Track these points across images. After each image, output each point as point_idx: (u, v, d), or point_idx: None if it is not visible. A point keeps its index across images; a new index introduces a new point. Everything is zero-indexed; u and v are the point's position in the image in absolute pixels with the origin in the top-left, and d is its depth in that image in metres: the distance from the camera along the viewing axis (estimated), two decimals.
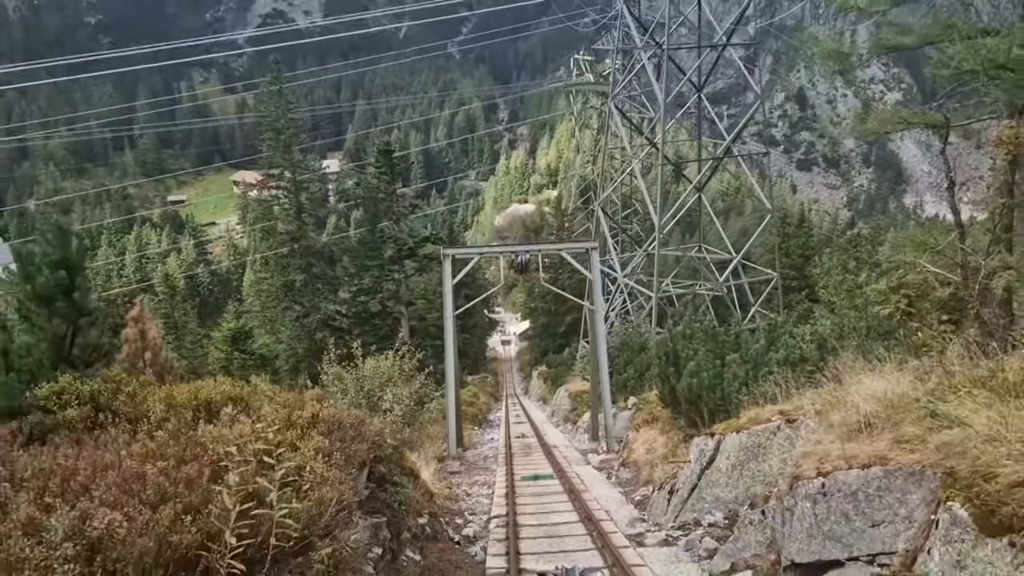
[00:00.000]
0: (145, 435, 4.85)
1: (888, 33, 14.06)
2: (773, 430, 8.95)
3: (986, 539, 4.27)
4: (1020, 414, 4.78)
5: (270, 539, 3.71)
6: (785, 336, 14.93)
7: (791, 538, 6.54)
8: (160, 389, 6.27)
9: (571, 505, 12.45)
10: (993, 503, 4.27)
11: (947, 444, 5.02)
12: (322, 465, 4.60)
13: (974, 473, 4.49)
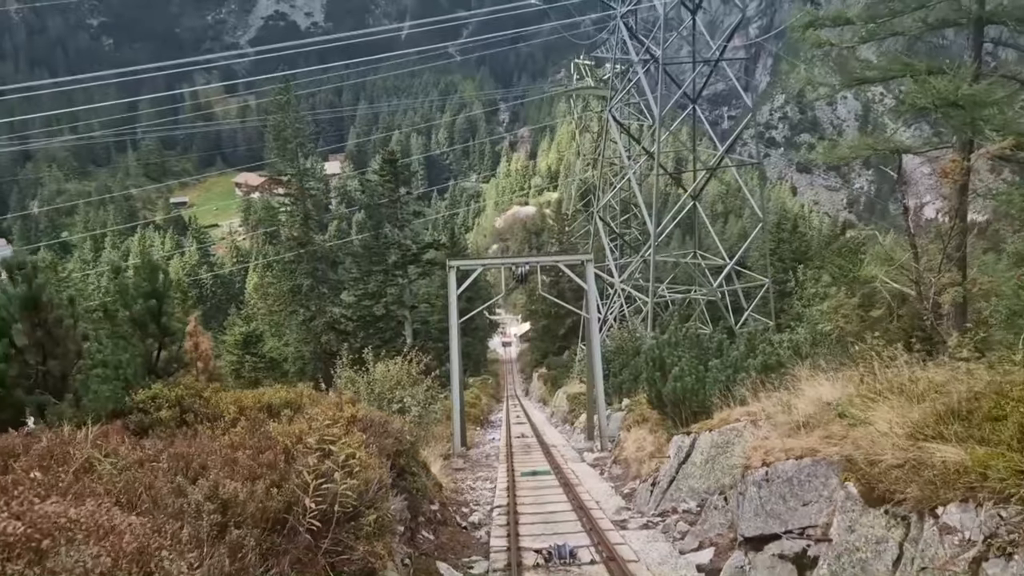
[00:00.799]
0: (222, 431, 6.19)
1: (856, 68, 15.40)
2: (740, 429, 10.30)
3: (869, 509, 5.64)
4: (912, 414, 6.13)
5: (334, 507, 5.04)
6: (763, 344, 16.28)
7: (742, 517, 7.90)
8: (229, 394, 7.67)
9: (565, 497, 13.82)
10: (875, 482, 5.63)
11: (854, 438, 6.38)
12: (364, 453, 5.96)
13: (865, 460, 5.85)
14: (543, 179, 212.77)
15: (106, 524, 2.85)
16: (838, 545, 5.89)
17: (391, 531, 5.95)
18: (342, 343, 47.27)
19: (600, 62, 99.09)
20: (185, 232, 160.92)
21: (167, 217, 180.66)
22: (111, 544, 2.67)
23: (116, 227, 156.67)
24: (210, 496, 4.23)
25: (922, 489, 5.11)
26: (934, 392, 6.17)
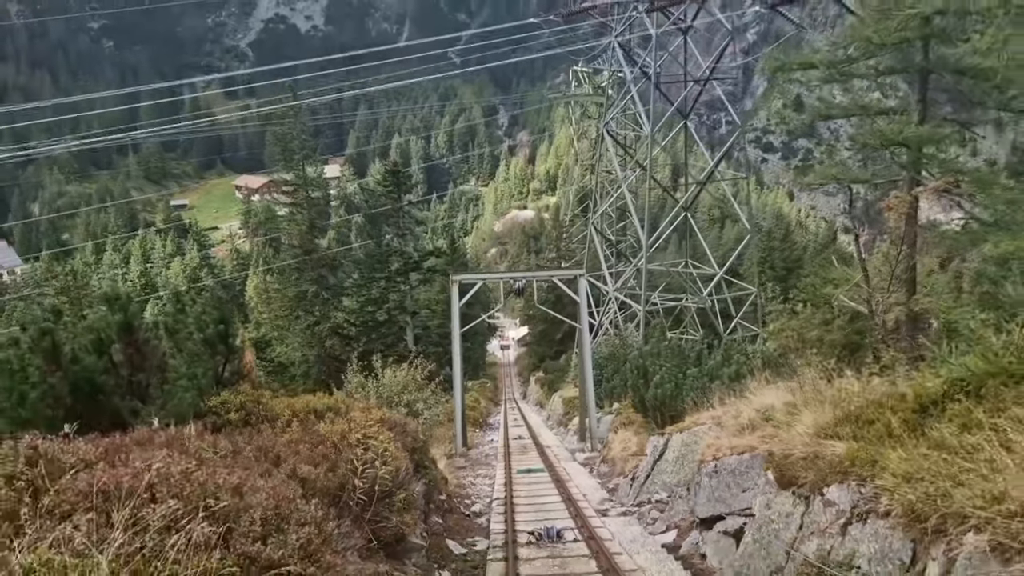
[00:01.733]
0: (280, 430, 7.86)
1: (821, 106, 17.11)
2: (705, 431, 11.99)
3: (781, 491, 7.34)
4: (825, 417, 7.84)
5: (375, 487, 6.71)
6: (738, 354, 17.99)
7: (698, 503, 9.60)
8: (282, 400, 9.37)
9: (556, 491, 15.52)
10: (786, 471, 7.33)
11: (779, 437, 8.09)
12: (393, 448, 7.64)
13: (781, 454, 7.56)
14: (542, 183, 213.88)
15: (254, 485, 4.50)
16: (759, 519, 7.60)
17: (415, 508, 7.68)
18: (345, 347, 48.93)
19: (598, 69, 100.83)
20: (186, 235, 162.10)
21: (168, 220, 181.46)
22: (265, 494, 4.31)
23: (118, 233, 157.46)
24: (290, 475, 5.89)
25: (816, 475, 6.82)
26: (843, 401, 7.88)
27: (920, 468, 5.22)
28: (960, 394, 6.14)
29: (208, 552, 3.29)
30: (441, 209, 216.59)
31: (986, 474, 4.58)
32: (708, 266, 45.05)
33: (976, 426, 5.45)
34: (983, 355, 6.23)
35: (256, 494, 4.25)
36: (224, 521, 3.65)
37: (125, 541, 3.20)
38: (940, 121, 15.08)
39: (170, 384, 8.18)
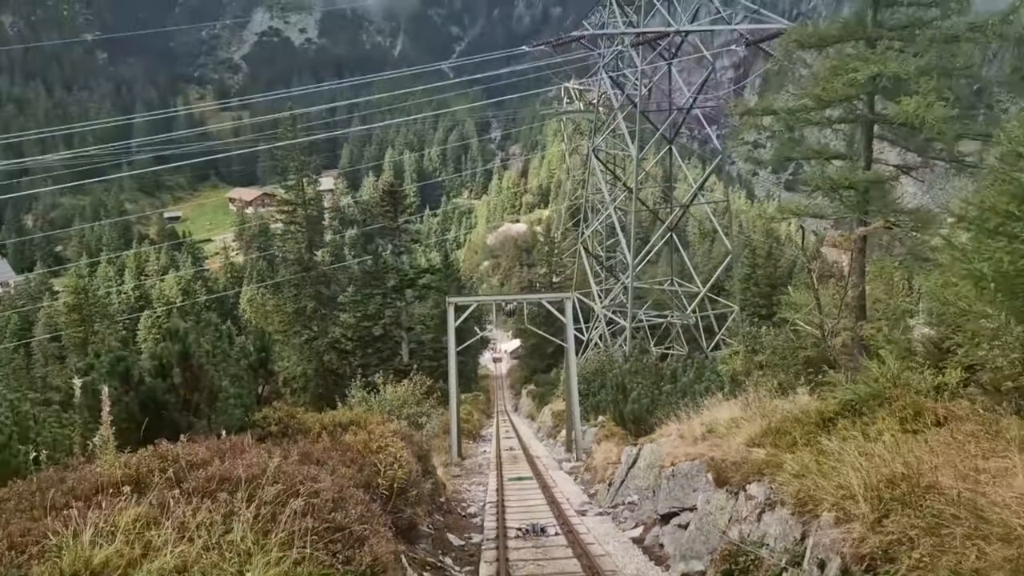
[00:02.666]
0: (312, 440, 9.59)
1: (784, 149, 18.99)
2: (668, 441, 13.79)
3: (717, 489, 9.15)
4: (755, 429, 9.65)
5: (393, 485, 8.47)
6: (709, 372, 19.84)
7: (659, 502, 11.40)
8: (311, 415, 11.12)
9: (543, 495, 17.30)
10: (722, 473, 9.13)
11: (721, 447, 9.90)
12: (406, 454, 9.40)
13: (719, 460, 9.36)
14: (534, 197, 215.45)
15: (320, 477, 6.24)
16: (701, 511, 9.40)
17: (424, 502, 9.43)
18: (342, 362, 50.60)
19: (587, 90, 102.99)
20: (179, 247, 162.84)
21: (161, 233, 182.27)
22: (328, 483, 6.06)
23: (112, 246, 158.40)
24: (332, 473, 7.64)
25: (742, 476, 8.62)
26: (769, 417, 9.70)
27: (806, 468, 7.03)
28: (848, 412, 7.96)
29: (303, 518, 5.03)
30: (434, 222, 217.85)
31: (840, 470, 6.38)
32: (694, 284, 46.97)
33: (853, 435, 7.28)
34: (864, 382, 8.05)
35: (322, 482, 6.02)
36: (307, 499, 5.40)
37: (251, 510, 4.96)
38: (883, 166, 17.01)
39: (221, 402, 9.95)
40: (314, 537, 4.98)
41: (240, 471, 5.51)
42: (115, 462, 5.85)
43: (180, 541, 4.48)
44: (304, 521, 5.00)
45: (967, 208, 9.15)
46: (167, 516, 4.71)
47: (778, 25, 28.61)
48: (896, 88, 15.61)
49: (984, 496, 4.99)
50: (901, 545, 4.99)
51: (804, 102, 17.21)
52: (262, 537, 4.77)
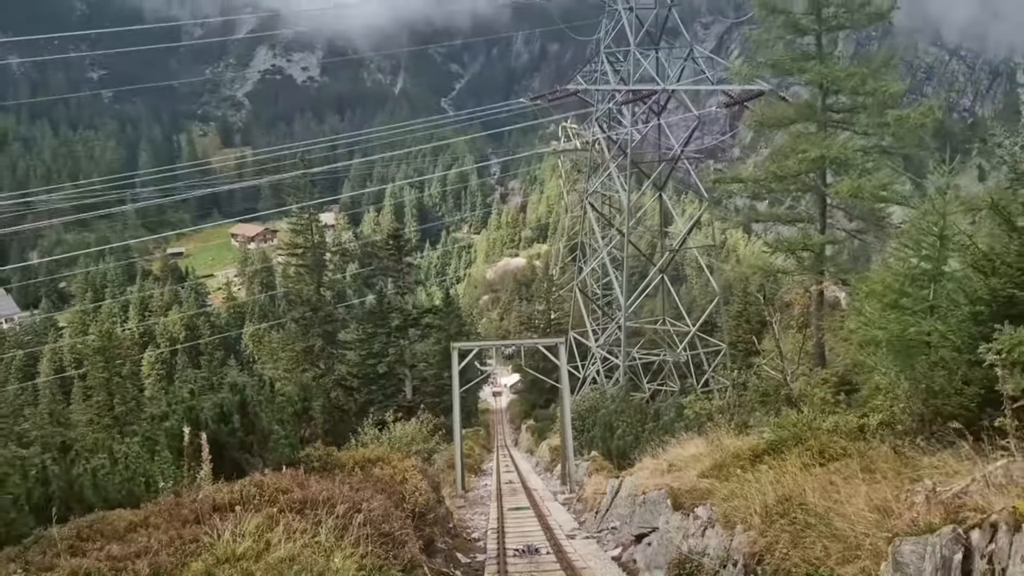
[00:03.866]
0: (348, 473, 11.79)
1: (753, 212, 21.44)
2: (644, 474, 16.02)
3: (675, 512, 11.39)
4: (706, 464, 11.90)
5: (415, 509, 10.69)
6: (688, 410, 22.11)
7: (633, 524, 13.64)
8: (345, 452, 13.34)
9: (538, 523, 19.48)
10: (678, 499, 11.38)
11: (680, 478, 12.15)
12: (424, 485, 11.62)
13: (677, 489, 11.61)
14: (533, 232, 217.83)
15: (369, 498, 8.43)
16: (662, 530, 11.65)
17: (439, 524, 11.65)
18: (348, 398, 52.71)
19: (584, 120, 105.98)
20: (182, 282, 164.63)
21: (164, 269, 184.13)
22: (376, 504, 8.25)
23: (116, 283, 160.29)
24: (370, 499, 9.88)
25: (693, 501, 10.88)
26: (718, 453, 11.97)
27: (732, 494, 9.30)
28: (771, 450, 10.24)
29: (363, 527, 7.26)
30: (434, 256, 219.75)
31: (750, 495, 8.64)
32: (684, 323, 49.27)
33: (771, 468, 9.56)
34: (783, 425, 10.34)
35: (373, 503, 8.27)
36: (366, 514, 7.65)
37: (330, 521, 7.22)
38: (836, 230, 19.41)
39: (272, 442, 12.22)
40: (372, 540, 7.25)
41: (315, 495, 7.78)
42: (222, 489, 8.13)
43: (287, 541, 6.74)
44: (364, 529, 7.27)
45: (872, 284, 11.51)
46: (276, 524, 6.98)
47: (759, 87, 31.04)
48: (842, 165, 18.01)
49: (835, 510, 7.27)
50: (776, 544, 7.27)
51: (770, 171, 19.64)
52: (338, 539, 7.04)
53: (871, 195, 16.06)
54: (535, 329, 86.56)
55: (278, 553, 6.43)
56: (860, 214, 18.77)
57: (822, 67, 17.42)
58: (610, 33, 46.15)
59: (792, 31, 18.41)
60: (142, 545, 6.43)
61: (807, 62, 18.21)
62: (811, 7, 17.83)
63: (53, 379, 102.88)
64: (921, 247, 10.71)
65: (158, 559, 6.15)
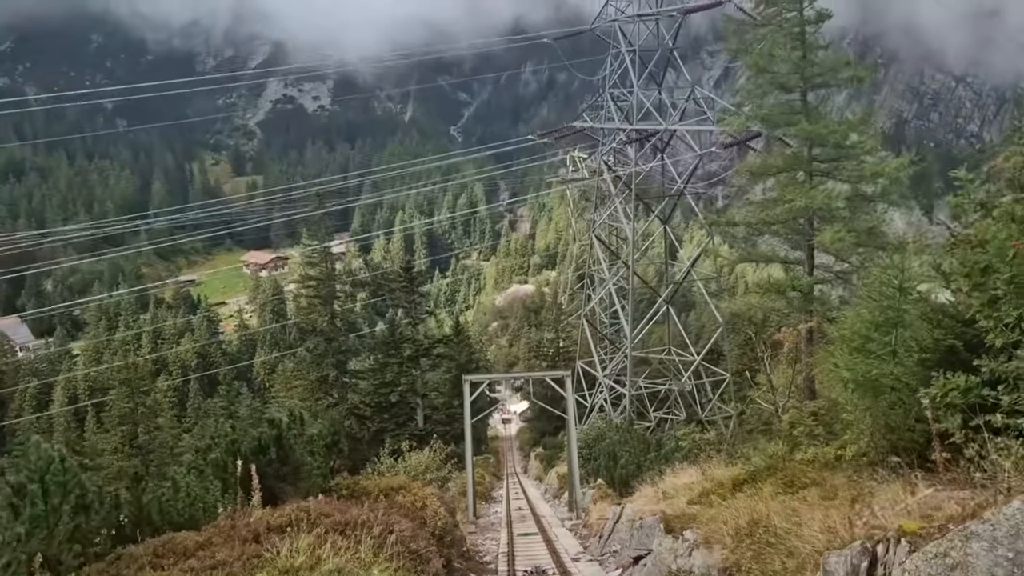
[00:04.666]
0: (374, 500, 13.16)
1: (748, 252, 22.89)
2: (642, 501, 17.34)
3: (667, 535, 12.73)
4: (695, 492, 13.25)
5: (435, 531, 12.04)
6: (686, 440, 23.45)
7: (631, 547, 14.96)
8: (370, 480, 14.74)
9: (545, 547, 20.79)
10: (670, 523, 12.72)
11: (672, 505, 13.49)
12: (443, 510, 12.98)
13: (669, 514, 12.95)
14: (542, 258, 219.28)
15: (397, 521, 9.77)
16: (655, 552, 12.97)
17: (457, 544, 12.99)
18: (361, 427, 54.02)
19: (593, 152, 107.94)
20: (194, 309, 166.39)
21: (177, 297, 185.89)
22: (404, 526, 9.57)
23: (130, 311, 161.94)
24: (398, 522, 11.25)
25: (682, 525, 12.21)
26: (706, 482, 13.32)
27: (712, 518, 10.65)
28: (750, 479, 11.59)
29: (395, 545, 8.63)
30: (444, 284, 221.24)
31: (727, 518, 9.99)
32: (690, 353, 50.59)
33: (749, 495, 10.91)
34: (759, 458, 11.69)
35: (402, 526, 9.66)
36: (398, 535, 9.03)
37: (368, 541, 8.60)
38: (823, 272, 20.82)
39: (304, 473, 13.63)
40: (403, 556, 8.64)
41: (354, 518, 9.18)
42: (272, 513, 9.54)
43: (334, 556, 8.14)
44: (396, 547, 8.66)
45: (842, 329, 12.89)
46: (324, 542, 8.38)
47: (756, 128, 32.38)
48: (826, 213, 19.45)
49: (793, 532, 8.63)
50: (743, 560, 8.62)
51: (759, 218, 21.09)
52: (375, 555, 8.43)
53: (850, 244, 17.47)
54: (544, 357, 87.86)
55: (328, 566, 7.83)
56: (845, 258, 20.16)
57: (807, 124, 18.89)
58: (614, 73, 47.95)
59: (779, 89, 19.96)
60: (217, 559, 7.83)
61: (794, 115, 19.70)
62: (796, 68, 19.37)
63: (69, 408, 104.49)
64: (884, 297, 12.05)
65: (231, 570, 7.56)
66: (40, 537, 8.75)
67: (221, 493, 11.58)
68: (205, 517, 10.38)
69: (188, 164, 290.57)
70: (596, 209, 57.70)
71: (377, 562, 8.22)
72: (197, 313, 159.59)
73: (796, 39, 18.96)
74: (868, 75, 19.96)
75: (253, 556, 8.15)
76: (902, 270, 11.78)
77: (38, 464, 9.46)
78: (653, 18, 44.90)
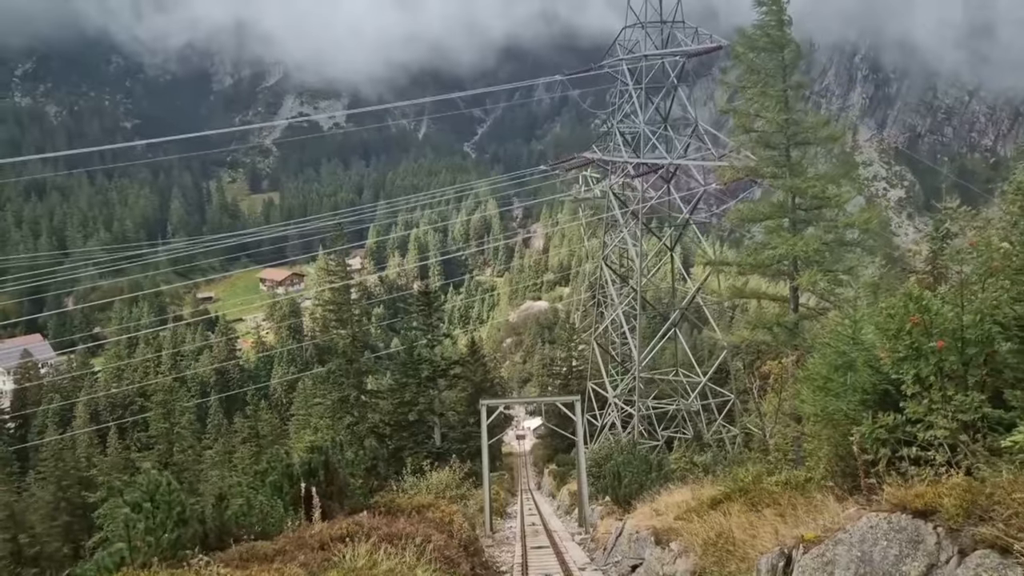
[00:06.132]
0: (407, 515, 15.42)
1: (735, 288, 25.16)
2: (640, 517, 19.56)
3: (656, 546, 14.96)
4: (682, 509, 15.49)
5: (461, 541, 14.31)
6: (678, 463, 25.67)
7: (629, 556, 17.20)
8: (404, 498, 17.02)
9: (556, 559, 23.02)
10: (659, 535, 14.95)
11: (662, 520, 15.74)
12: (465, 524, 15.23)
13: (659, 527, 15.19)
14: (555, 275, 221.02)
15: (433, 534, 11.98)
16: (647, 561, 15.22)
17: (480, 553, 15.29)
18: (381, 445, 56.34)
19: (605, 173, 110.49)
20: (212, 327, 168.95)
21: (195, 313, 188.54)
22: (438, 536, 11.80)
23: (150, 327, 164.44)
24: (433, 534, 13.52)
25: (668, 537, 14.46)
26: (692, 500, 15.55)
27: (690, 531, 12.89)
28: (724, 498, 13.84)
29: (436, 553, 10.90)
30: (458, 299, 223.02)
31: (699, 532, 12.23)
32: (692, 375, 52.77)
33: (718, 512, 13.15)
34: (733, 480, 13.93)
35: (435, 536, 11.95)
36: (434, 543, 11.31)
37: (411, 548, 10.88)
38: (806, 308, 23.06)
39: (348, 493, 15.98)
40: (438, 560, 10.94)
41: (399, 531, 11.50)
42: (331, 527, 11.87)
43: (387, 560, 10.45)
44: (434, 553, 10.97)
45: (807, 370, 15.15)
46: (378, 549, 10.70)
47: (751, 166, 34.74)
48: (806, 258, 21.69)
49: (749, 542, 10.89)
50: (708, 564, 10.89)
51: (746, 262, 23.39)
52: (418, 560, 10.74)
53: (825, 287, 19.68)
54: (557, 376, 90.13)
55: (383, 567, 10.15)
56: (824, 297, 22.38)
57: (789, 179, 21.18)
58: (622, 108, 50.40)
59: (763, 146, 22.24)
60: (299, 561, 10.17)
61: (779, 169, 21.99)
62: (779, 128, 21.66)
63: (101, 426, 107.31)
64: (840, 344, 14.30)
65: (312, 569, 9.89)
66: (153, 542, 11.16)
67: (284, 509, 13.93)
68: (274, 530, 12.71)
69: (205, 182, 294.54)
70: (606, 232, 60.01)
71: (420, 564, 10.52)
72: (215, 330, 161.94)
73: (780, 102, 21.24)
74: (841, 135, 22.17)
75: (323, 560, 10.48)
76: (855, 321, 14.06)
77: (149, 486, 11.90)
78: (659, 59, 47.39)
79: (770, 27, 21.19)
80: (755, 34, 21.42)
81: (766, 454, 15.30)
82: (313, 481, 15.86)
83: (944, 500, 6.15)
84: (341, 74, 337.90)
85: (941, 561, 5.90)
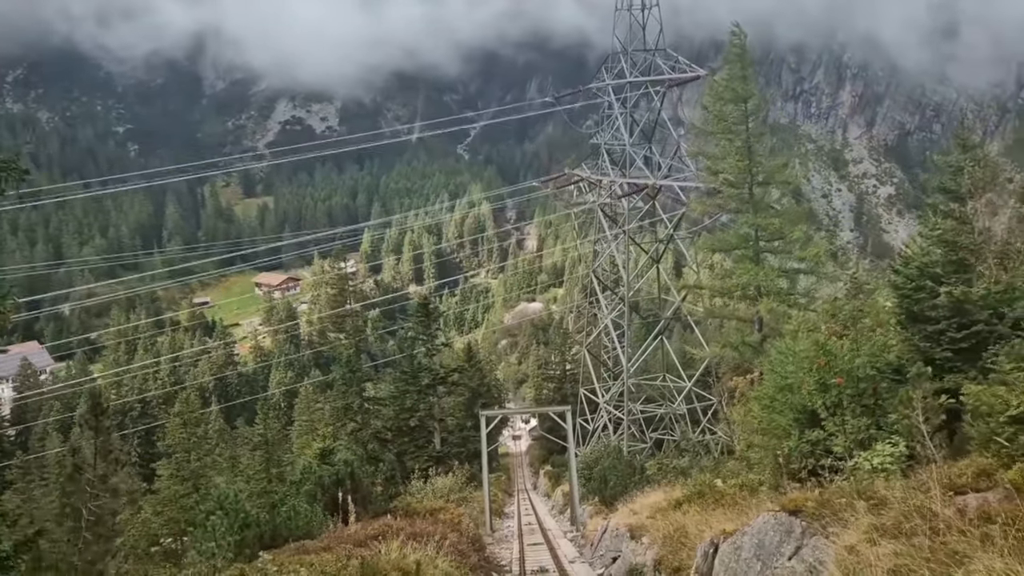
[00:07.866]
0: (423, 517, 18.20)
1: (711, 308, 28.03)
2: (621, 515, 22.43)
3: (631, 540, 17.85)
4: (655, 508, 18.40)
5: (468, 536, 17.15)
6: (653, 468, 28.58)
7: (610, 550, 20.09)
8: (418, 503, 19.82)
9: (549, 554, 25.93)
10: (634, 531, 17.83)
11: (637, 518, 18.62)
12: (471, 525, 18.06)
13: (634, 524, 18.07)
14: (549, 276, 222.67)
15: (447, 532, 14.75)
16: (624, 553, 18.09)
17: (484, 548, 18.19)
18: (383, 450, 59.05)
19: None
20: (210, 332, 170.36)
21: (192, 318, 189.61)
22: (451, 534, 14.57)
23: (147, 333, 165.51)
24: (447, 532, 16.36)
25: (640, 532, 17.34)
26: (664, 500, 18.46)
27: (656, 527, 15.78)
28: (685, 500, 16.74)
29: (451, 547, 13.73)
30: (452, 301, 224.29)
31: (661, 527, 15.10)
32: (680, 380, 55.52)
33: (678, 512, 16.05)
34: (694, 484, 16.83)
35: (451, 534, 14.80)
36: (451, 540, 14.15)
37: (432, 543, 13.78)
38: (771, 329, 26.00)
39: (372, 498, 18.85)
40: (453, 553, 13.82)
41: (421, 530, 14.37)
42: (365, 527, 14.74)
43: (413, 553, 13.30)
44: (450, 548, 13.85)
45: (758, 392, 18.05)
46: (406, 545, 13.55)
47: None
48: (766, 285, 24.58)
49: (699, 536, 13.76)
50: (665, 553, 13.78)
51: (715, 288, 26.28)
52: (437, 553, 13.61)
53: (781, 312, 22.57)
54: (551, 379, 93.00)
55: (412, 558, 13.03)
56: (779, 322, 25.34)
57: (752, 215, 24.09)
58: (607, 131, 53.27)
59: (730, 185, 25.14)
60: (345, 554, 13.03)
61: (744, 204, 24.89)
62: (743, 171, 24.57)
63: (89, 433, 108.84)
64: (784, 371, 17.22)
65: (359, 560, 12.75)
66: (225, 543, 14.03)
67: (323, 514, 16.84)
68: (317, 531, 15.58)
69: (199, 187, 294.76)
70: (596, 243, 62.81)
71: (439, 556, 13.39)
72: (213, 336, 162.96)
73: (743, 150, 24.12)
74: (796, 180, 25.02)
75: (363, 553, 13.35)
76: (793, 352, 17.00)
77: (219, 498, 14.74)
78: (643, 86, 50.30)
79: (735, 81, 24.04)
80: (721, 87, 24.28)
81: (739, 460, 18.02)
82: (342, 489, 18.74)
83: (807, 503, 9.03)
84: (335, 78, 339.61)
85: (804, 544, 8.77)
